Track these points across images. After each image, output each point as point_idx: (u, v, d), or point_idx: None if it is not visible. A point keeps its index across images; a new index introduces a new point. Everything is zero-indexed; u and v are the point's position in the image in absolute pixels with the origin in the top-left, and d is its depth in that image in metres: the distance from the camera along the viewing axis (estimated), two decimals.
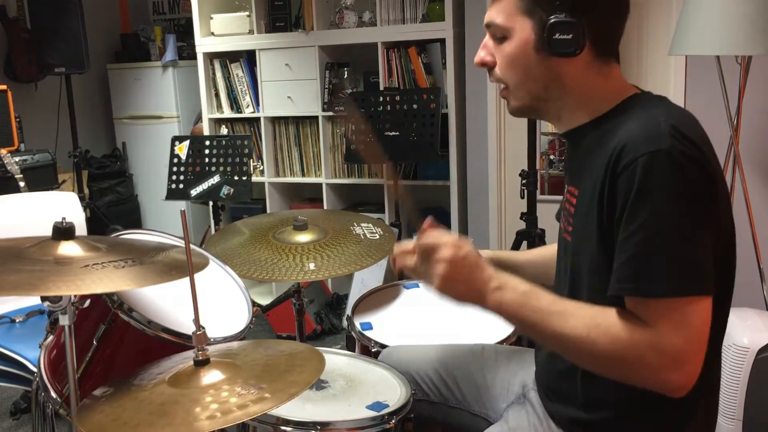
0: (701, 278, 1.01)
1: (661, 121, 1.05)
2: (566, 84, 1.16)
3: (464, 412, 1.49)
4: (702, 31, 2.18)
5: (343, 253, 1.81)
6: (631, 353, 1.01)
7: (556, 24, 1.10)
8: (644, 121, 1.07)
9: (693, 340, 1.00)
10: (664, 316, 1.00)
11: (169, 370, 1.25)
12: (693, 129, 1.07)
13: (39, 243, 1.31)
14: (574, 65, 1.14)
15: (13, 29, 3.96)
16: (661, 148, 1.01)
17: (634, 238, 1.02)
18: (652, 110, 1.10)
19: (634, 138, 1.04)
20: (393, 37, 3.37)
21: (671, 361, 0.99)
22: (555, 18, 1.10)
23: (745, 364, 1.99)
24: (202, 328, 1.21)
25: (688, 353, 1.00)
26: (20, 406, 2.67)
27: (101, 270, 1.22)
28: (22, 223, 2.40)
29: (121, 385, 1.24)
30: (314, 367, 1.22)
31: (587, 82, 1.16)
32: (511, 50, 1.17)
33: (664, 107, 1.11)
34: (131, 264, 1.27)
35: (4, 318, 2.21)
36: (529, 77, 1.17)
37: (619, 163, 1.04)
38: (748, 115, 2.61)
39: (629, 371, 1.03)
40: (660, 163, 1.00)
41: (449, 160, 3.33)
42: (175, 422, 1.07)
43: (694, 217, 1.01)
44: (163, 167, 3.42)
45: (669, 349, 0.99)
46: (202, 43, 3.76)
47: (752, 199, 2.49)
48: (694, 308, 1.00)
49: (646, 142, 1.02)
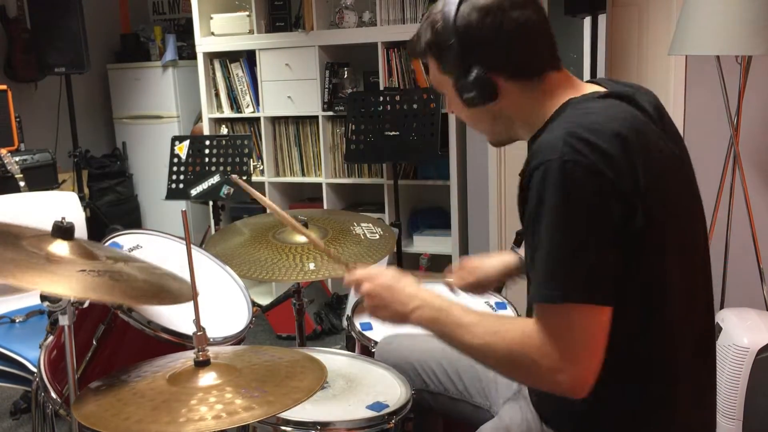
0: (594, 286, 1.02)
1: (563, 128, 1.06)
2: (508, 116, 1.21)
3: (466, 404, 1.49)
4: (702, 31, 2.18)
5: (343, 253, 1.81)
6: (523, 358, 1.06)
7: (460, 87, 1.17)
8: (549, 131, 1.09)
9: (578, 345, 1.02)
10: (551, 322, 1.04)
11: (168, 368, 1.25)
12: (601, 134, 1.03)
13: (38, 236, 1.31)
14: (506, 101, 1.18)
15: (13, 29, 3.96)
16: (552, 157, 1.02)
17: (533, 247, 1.06)
18: (565, 120, 1.10)
19: (537, 149, 1.07)
20: (393, 37, 3.36)
21: (557, 363, 1.02)
22: (460, 82, 1.17)
23: (745, 364, 1.99)
24: (203, 329, 1.21)
25: (573, 357, 1.02)
26: (20, 406, 2.67)
27: (98, 278, 1.21)
28: (22, 223, 2.40)
29: (119, 379, 1.25)
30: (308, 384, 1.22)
31: (526, 105, 1.19)
32: (450, 105, 1.25)
33: (579, 114, 1.10)
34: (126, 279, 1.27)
35: (4, 318, 2.21)
36: (475, 122, 1.27)
37: (525, 175, 1.09)
38: (748, 115, 2.61)
39: (525, 374, 1.10)
40: (550, 173, 1.02)
41: (449, 160, 3.33)
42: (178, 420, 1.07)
43: (582, 224, 1.01)
44: (163, 167, 3.42)
45: (554, 352, 1.02)
46: (202, 43, 3.75)
47: (752, 199, 2.49)
48: (580, 315, 1.02)
49: (542, 152, 1.05)
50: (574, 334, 1.02)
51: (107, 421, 1.09)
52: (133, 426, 1.07)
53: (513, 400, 1.37)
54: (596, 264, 1.02)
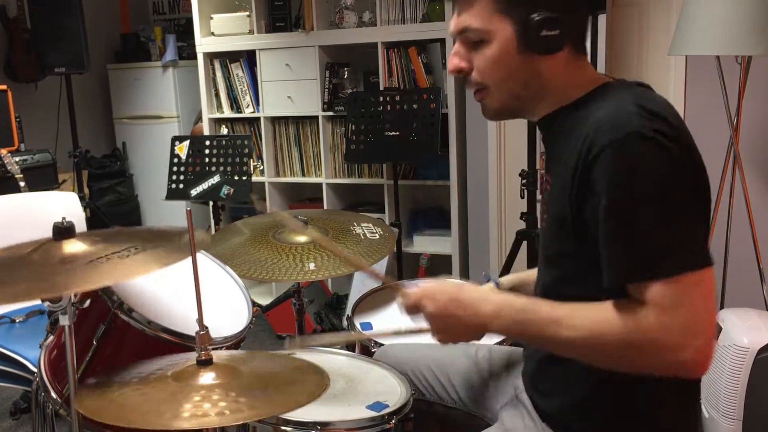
0: (696, 251, 1.00)
1: (628, 102, 1.04)
2: (545, 80, 1.16)
3: (460, 412, 1.49)
4: (702, 31, 2.18)
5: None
6: (642, 337, 1.00)
7: (541, 21, 1.10)
8: (613, 106, 1.06)
9: (699, 314, 0.99)
10: (667, 296, 0.98)
11: (172, 366, 1.26)
12: (662, 106, 1.05)
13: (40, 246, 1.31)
14: (554, 62, 1.14)
15: (13, 29, 3.97)
16: (631, 130, 1.00)
17: (622, 227, 1.01)
18: (621, 93, 1.09)
19: (602, 124, 1.03)
20: (393, 37, 3.37)
21: (681, 339, 0.98)
22: (539, 15, 1.10)
23: (744, 364, 1.99)
24: (206, 327, 1.21)
25: (696, 328, 0.98)
26: (20, 406, 2.68)
27: (106, 263, 1.22)
28: (22, 223, 2.40)
29: (119, 375, 1.25)
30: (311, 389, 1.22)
31: (565, 77, 1.17)
32: (493, 52, 1.15)
33: (635, 92, 1.10)
34: (134, 252, 1.27)
35: (5, 318, 2.21)
36: (510, 77, 1.17)
37: (591, 151, 1.03)
38: (748, 115, 2.61)
39: (645, 357, 1.02)
40: (632, 146, 1.00)
41: (449, 160, 3.33)
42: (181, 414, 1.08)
43: (678, 189, 1.00)
44: (163, 167, 3.42)
45: (677, 326, 0.98)
46: (202, 43, 3.76)
47: (752, 199, 2.49)
48: (695, 283, 0.99)
49: (615, 127, 1.02)
50: (693, 304, 0.98)
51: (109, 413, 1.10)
52: (137, 419, 1.07)
53: (512, 406, 1.37)
54: (699, 228, 1.02)
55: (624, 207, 1.01)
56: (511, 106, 1.21)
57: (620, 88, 1.14)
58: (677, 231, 1.00)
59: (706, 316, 1.00)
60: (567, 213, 1.10)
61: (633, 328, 1.01)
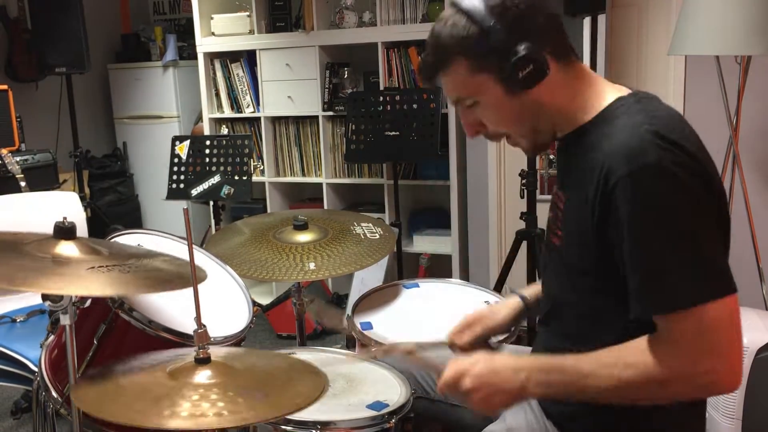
0: (720, 279, 1.02)
1: (644, 130, 1.04)
2: (549, 104, 1.16)
3: (464, 410, 1.50)
4: (701, 31, 2.19)
5: (343, 253, 1.81)
6: (668, 376, 1.02)
7: (514, 65, 1.10)
8: (627, 133, 1.06)
9: (724, 340, 1.01)
10: (691, 326, 1.00)
11: (169, 362, 1.26)
12: (678, 131, 1.06)
13: (41, 240, 1.31)
14: (549, 85, 1.14)
15: (13, 29, 3.97)
16: (649, 162, 1.01)
17: (643, 258, 1.02)
18: (633, 118, 1.09)
19: (618, 153, 1.04)
20: (393, 37, 3.37)
21: (710, 365, 1.00)
22: (509, 59, 1.10)
23: (744, 364, 2.00)
24: (204, 326, 1.21)
25: (723, 355, 1.01)
26: (21, 406, 2.68)
27: (107, 273, 1.22)
28: (22, 223, 2.40)
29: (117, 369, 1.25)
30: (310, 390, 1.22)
31: (564, 90, 1.17)
32: (491, 108, 1.18)
33: (646, 112, 1.10)
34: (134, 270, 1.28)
35: (5, 318, 2.21)
36: (518, 119, 1.18)
37: (608, 181, 1.04)
38: (748, 115, 2.61)
39: (677, 389, 1.04)
40: (651, 178, 1.01)
41: (449, 160, 3.34)
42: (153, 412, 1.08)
43: (697, 221, 1.01)
44: (164, 167, 3.43)
45: (703, 358, 1.00)
46: (202, 43, 3.76)
47: (752, 199, 2.49)
48: (720, 310, 1.00)
49: (633, 156, 1.02)
50: (720, 330, 1.00)
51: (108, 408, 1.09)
52: (136, 416, 1.07)
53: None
54: (720, 257, 1.03)
55: (641, 240, 1.02)
56: (540, 140, 1.23)
57: (631, 106, 1.13)
58: (699, 261, 1.01)
59: (732, 339, 1.01)
60: (588, 231, 1.10)
61: (658, 368, 1.03)
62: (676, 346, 1.01)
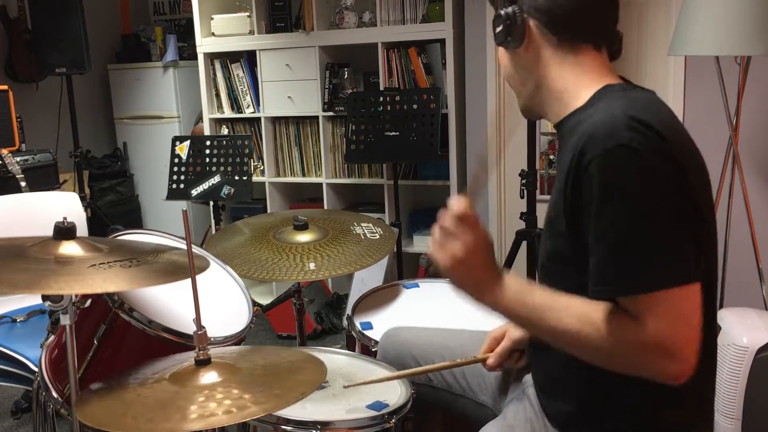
0: (682, 267, 1.01)
1: (619, 112, 1.04)
2: (537, 76, 1.19)
3: (468, 401, 1.49)
4: (701, 31, 2.19)
5: (343, 253, 1.81)
6: (622, 349, 1.02)
7: (494, 19, 1.18)
8: (603, 115, 1.06)
9: (682, 329, 1.00)
10: (650, 310, 1.00)
11: (169, 368, 1.26)
12: (655, 117, 1.05)
13: (40, 242, 1.32)
14: (534, 55, 1.17)
15: (14, 30, 3.97)
16: (620, 142, 1.00)
17: (606, 238, 1.02)
18: (613, 102, 1.09)
19: (593, 133, 1.04)
20: (393, 38, 3.37)
21: (663, 353, 1.00)
22: (496, 14, 1.18)
23: (744, 364, 2.00)
24: (203, 327, 1.21)
25: (678, 343, 0.99)
26: (21, 406, 2.68)
27: (109, 269, 1.23)
28: (23, 223, 2.41)
29: (124, 377, 1.25)
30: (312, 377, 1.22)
31: (555, 72, 1.17)
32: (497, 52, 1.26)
33: (627, 97, 1.10)
34: (137, 264, 1.28)
35: (6, 318, 2.21)
36: (507, 73, 1.26)
37: (582, 160, 1.04)
38: (747, 115, 2.61)
39: (623, 365, 1.05)
40: (621, 158, 1.00)
41: (449, 160, 3.34)
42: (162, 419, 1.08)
43: (664, 206, 1.00)
44: (164, 167, 3.43)
45: (659, 342, 0.99)
46: (202, 43, 3.76)
47: (751, 199, 2.49)
48: (680, 297, 1.00)
49: (605, 137, 1.02)
50: (677, 319, 0.99)
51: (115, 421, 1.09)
52: (144, 425, 1.07)
53: (517, 400, 1.38)
54: (685, 244, 1.02)
55: (605, 220, 1.02)
56: (527, 105, 1.27)
57: (616, 92, 1.13)
58: (662, 246, 1.00)
59: (689, 331, 1.00)
60: (561, 216, 1.11)
61: (616, 340, 1.02)
62: (634, 327, 1.01)
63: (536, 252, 2.69)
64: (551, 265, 1.20)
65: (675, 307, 1.00)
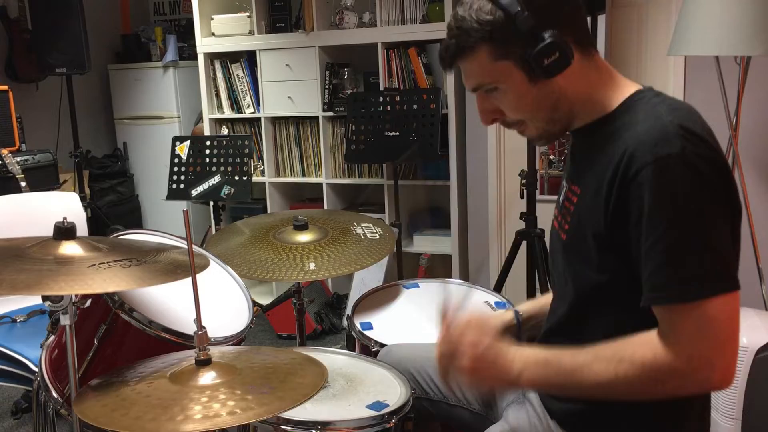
0: (728, 276, 1.02)
1: (668, 121, 1.04)
2: (571, 94, 1.16)
3: (464, 410, 1.50)
4: (701, 31, 2.19)
5: (343, 253, 1.81)
6: (662, 372, 1.02)
7: (539, 53, 1.09)
8: (651, 123, 1.06)
9: (722, 337, 1.00)
10: (691, 320, 1.00)
11: (171, 366, 1.26)
12: (699, 124, 1.07)
13: (40, 243, 1.32)
14: (569, 73, 1.13)
15: (14, 30, 3.97)
16: (673, 152, 1.01)
17: (659, 247, 1.02)
18: (656, 109, 1.09)
19: (642, 141, 1.04)
20: (393, 38, 3.37)
21: (704, 363, 1.00)
22: (534, 47, 1.09)
23: (744, 364, 2.00)
24: (204, 328, 1.21)
25: (719, 351, 1.00)
26: (21, 406, 2.68)
27: (109, 269, 1.23)
28: (23, 223, 2.41)
29: (123, 375, 1.25)
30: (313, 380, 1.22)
31: (585, 80, 1.16)
32: (511, 95, 1.16)
33: (667, 105, 1.10)
34: (137, 263, 1.28)
35: (6, 318, 2.21)
36: (537, 107, 1.16)
37: (630, 168, 1.04)
38: (747, 115, 2.61)
39: (670, 387, 1.04)
40: (674, 167, 1.00)
41: (449, 160, 3.34)
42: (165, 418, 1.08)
43: (715, 215, 1.02)
44: (164, 167, 3.43)
45: (699, 353, 1.00)
46: (202, 43, 3.76)
47: (751, 199, 2.50)
48: (722, 305, 1.00)
49: (656, 145, 1.02)
50: (722, 326, 1.00)
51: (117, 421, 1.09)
52: (147, 425, 1.06)
53: (518, 403, 1.38)
54: (732, 252, 1.03)
55: (658, 229, 1.02)
56: (552, 130, 1.21)
57: (651, 99, 1.13)
58: (713, 255, 1.01)
59: (730, 337, 1.01)
60: (601, 225, 1.10)
61: (653, 362, 1.02)
62: (676, 340, 1.01)
63: (536, 252, 2.69)
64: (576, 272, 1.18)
65: (717, 315, 1.00)
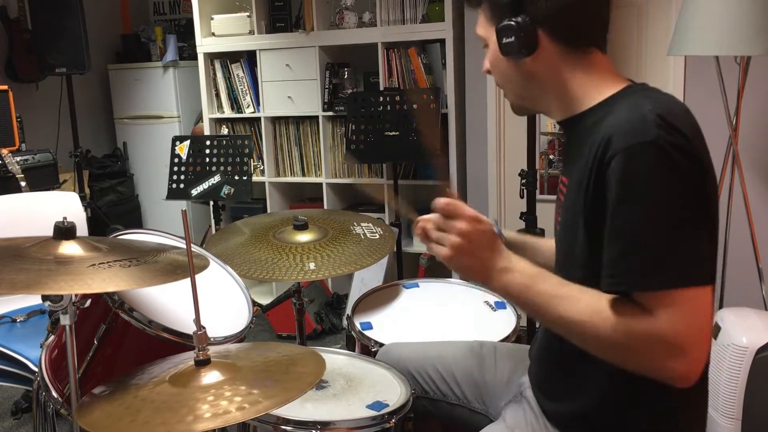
0: (698, 268, 1.01)
1: (647, 111, 1.04)
2: (542, 81, 1.18)
3: (464, 409, 1.50)
4: (701, 31, 2.19)
5: (343, 253, 1.81)
6: (631, 342, 1.01)
7: (501, 29, 1.15)
8: (629, 112, 1.06)
9: (694, 329, 0.99)
10: (664, 307, 0.99)
11: (169, 369, 1.26)
12: (681, 118, 1.05)
13: (40, 242, 1.32)
14: (543, 63, 1.16)
15: (14, 29, 3.97)
16: (647, 139, 1.00)
17: (626, 232, 1.01)
18: (639, 100, 1.08)
19: (619, 129, 1.03)
20: (393, 38, 3.37)
21: (673, 350, 0.99)
22: (502, 24, 1.15)
23: (744, 364, 2.00)
24: (203, 328, 1.21)
25: (690, 343, 0.99)
26: (21, 406, 2.68)
27: (108, 269, 1.23)
28: (23, 223, 2.41)
29: (121, 383, 1.25)
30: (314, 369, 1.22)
31: (564, 77, 1.17)
32: (490, 58, 1.24)
33: (652, 97, 1.10)
34: (136, 263, 1.28)
35: (5, 318, 2.21)
36: (507, 80, 1.24)
37: (605, 154, 1.04)
38: (747, 115, 2.61)
39: (631, 359, 1.03)
40: (647, 155, 1.00)
41: (449, 160, 3.34)
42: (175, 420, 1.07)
43: (686, 207, 1.00)
44: (164, 167, 3.43)
45: (670, 339, 0.99)
46: (202, 43, 3.76)
47: (751, 199, 2.50)
48: (694, 298, 0.99)
49: (632, 133, 1.02)
50: (690, 318, 0.98)
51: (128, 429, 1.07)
52: (158, 429, 1.06)
53: (515, 403, 1.38)
54: (704, 245, 1.02)
55: (626, 214, 1.01)
56: (522, 105, 1.27)
57: (639, 92, 1.13)
58: (678, 245, 1.00)
59: (701, 332, 1.00)
60: (580, 218, 1.10)
61: (627, 332, 1.01)
62: (650, 322, 1.00)
63: None
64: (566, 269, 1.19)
65: (690, 306, 0.99)
